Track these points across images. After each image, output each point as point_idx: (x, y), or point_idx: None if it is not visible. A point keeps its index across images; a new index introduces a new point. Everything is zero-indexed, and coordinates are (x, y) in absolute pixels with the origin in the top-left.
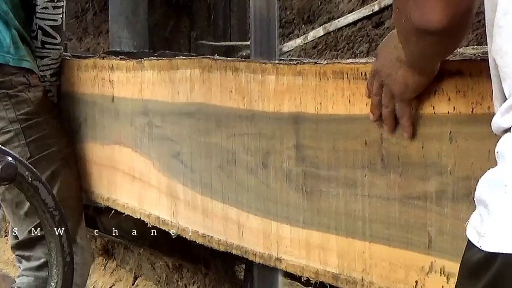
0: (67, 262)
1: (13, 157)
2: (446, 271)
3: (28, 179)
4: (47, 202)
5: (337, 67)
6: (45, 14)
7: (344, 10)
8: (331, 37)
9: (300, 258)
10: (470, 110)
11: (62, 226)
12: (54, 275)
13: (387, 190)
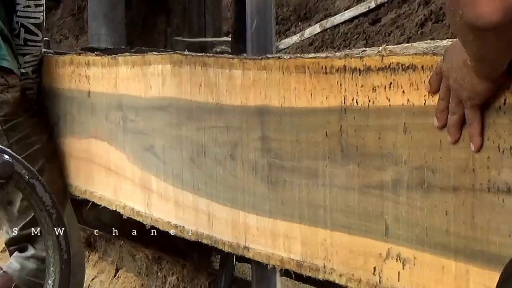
0: (65, 260)
1: (10, 155)
2: (402, 257)
3: (25, 177)
4: (44, 200)
5: (299, 61)
6: (27, 12)
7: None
8: (328, 34)
9: (266, 247)
10: (422, 102)
11: (59, 224)
12: (52, 273)
13: (347, 180)
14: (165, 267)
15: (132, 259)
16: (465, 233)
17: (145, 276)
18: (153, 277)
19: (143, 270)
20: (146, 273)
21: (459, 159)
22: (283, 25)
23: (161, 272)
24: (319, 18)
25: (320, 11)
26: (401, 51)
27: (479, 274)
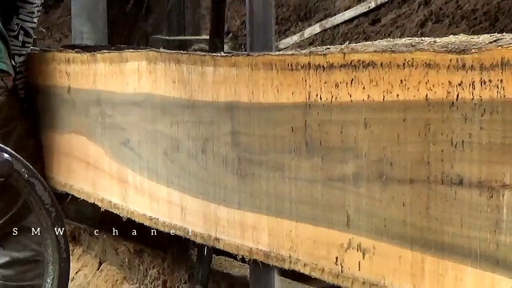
0: (64, 259)
1: (9, 153)
2: (362, 247)
3: (25, 175)
4: (44, 199)
5: (266, 58)
6: (30, 18)
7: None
8: (328, 34)
9: (235, 238)
10: (381, 98)
11: (58, 223)
12: (51, 271)
13: (311, 173)
14: (146, 260)
15: (115, 253)
16: (420, 224)
17: (128, 269)
18: (135, 270)
19: (125, 263)
20: (129, 266)
21: (415, 152)
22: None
23: (142, 265)
24: (319, 18)
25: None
26: (362, 49)
27: (434, 263)
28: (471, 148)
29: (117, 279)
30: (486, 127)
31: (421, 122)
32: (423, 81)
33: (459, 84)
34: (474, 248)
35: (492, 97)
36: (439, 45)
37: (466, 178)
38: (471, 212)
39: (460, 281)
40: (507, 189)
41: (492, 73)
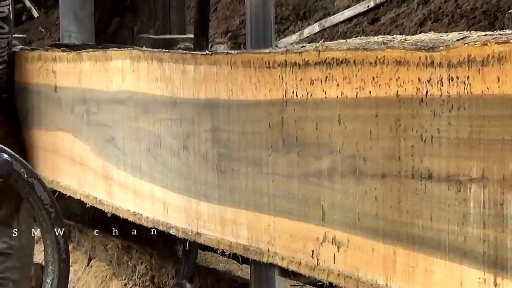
0: (63, 259)
1: (8, 153)
2: (337, 241)
3: (24, 176)
4: (43, 199)
5: (245, 56)
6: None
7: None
8: (327, 33)
9: (216, 232)
10: (354, 95)
11: (58, 223)
12: (50, 272)
13: (288, 168)
14: (135, 256)
15: (104, 249)
16: (392, 217)
17: (116, 265)
18: (124, 266)
19: (114, 259)
20: (117, 262)
21: (387, 148)
22: (282, 24)
23: (131, 261)
24: (318, 17)
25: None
26: (336, 47)
27: (405, 255)
28: (439, 143)
29: (106, 275)
30: (454, 122)
31: (392, 118)
32: (394, 78)
33: (428, 80)
34: (443, 240)
35: (459, 93)
36: (409, 43)
37: (435, 173)
38: (440, 206)
39: (430, 273)
40: (474, 183)
41: (459, 69)
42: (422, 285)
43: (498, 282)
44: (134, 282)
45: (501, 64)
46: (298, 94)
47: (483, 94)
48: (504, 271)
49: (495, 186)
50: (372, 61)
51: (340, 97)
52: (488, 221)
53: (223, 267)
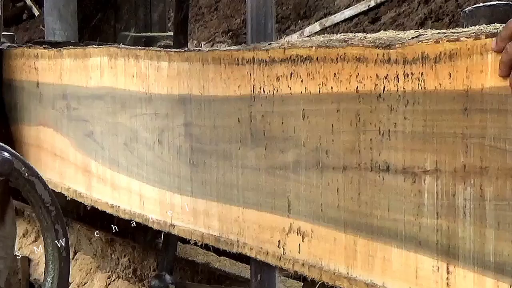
0: (64, 258)
1: (9, 152)
2: (301, 231)
3: (25, 174)
4: (44, 198)
5: (215, 54)
6: None
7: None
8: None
9: (189, 224)
10: (317, 90)
11: (58, 222)
12: (51, 270)
13: (256, 161)
14: (118, 249)
15: (88, 242)
16: (352, 208)
17: (101, 258)
18: (108, 259)
19: (98, 252)
20: (102, 255)
21: (348, 141)
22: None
23: (114, 254)
24: (319, 17)
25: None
26: (300, 44)
27: (364, 245)
28: (396, 137)
29: (91, 267)
30: (409, 117)
31: (352, 112)
32: (354, 74)
33: (385, 77)
34: (399, 230)
35: (414, 89)
36: (368, 41)
37: (392, 165)
38: (397, 197)
39: (387, 262)
40: (428, 175)
41: (414, 66)
42: (380, 274)
43: (450, 269)
44: (117, 275)
45: (453, 61)
46: (265, 90)
47: (436, 90)
48: (456, 259)
49: (447, 177)
50: (334, 58)
51: (304, 92)
52: (441, 211)
53: (202, 259)
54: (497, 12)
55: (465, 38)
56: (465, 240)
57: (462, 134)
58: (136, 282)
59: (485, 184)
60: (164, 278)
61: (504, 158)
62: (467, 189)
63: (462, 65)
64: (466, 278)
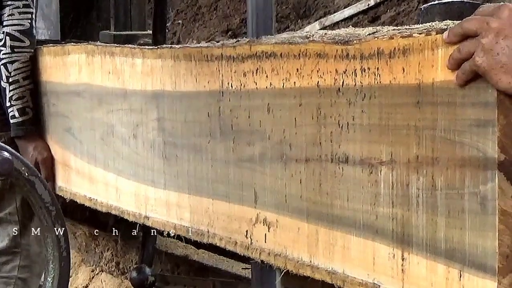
0: (64, 258)
1: (9, 152)
2: (267, 221)
3: (25, 174)
4: (44, 197)
5: (186, 50)
6: (12, 20)
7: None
8: None
9: (162, 215)
10: (281, 85)
11: (58, 221)
12: (51, 270)
13: (225, 154)
14: (101, 243)
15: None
16: (314, 199)
17: (85, 252)
18: (92, 253)
19: (83, 246)
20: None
21: (310, 134)
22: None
23: (98, 248)
24: (318, 16)
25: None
26: (265, 41)
27: (326, 233)
28: (354, 129)
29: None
30: (366, 110)
31: (313, 106)
32: (315, 70)
33: (344, 72)
34: (358, 219)
35: (371, 83)
36: (328, 37)
37: (351, 157)
38: (355, 187)
39: (347, 250)
40: (384, 165)
41: (370, 61)
42: (340, 261)
43: (405, 256)
44: (101, 268)
45: (406, 56)
46: (233, 85)
47: (390, 84)
48: (410, 246)
49: (401, 168)
50: (296, 54)
51: (269, 87)
52: (396, 200)
53: (181, 252)
54: (452, 9)
55: (417, 34)
56: (418, 228)
57: (415, 126)
58: (119, 275)
59: (436, 174)
60: (144, 270)
61: (453, 149)
62: (419, 179)
63: (414, 60)
64: (419, 264)
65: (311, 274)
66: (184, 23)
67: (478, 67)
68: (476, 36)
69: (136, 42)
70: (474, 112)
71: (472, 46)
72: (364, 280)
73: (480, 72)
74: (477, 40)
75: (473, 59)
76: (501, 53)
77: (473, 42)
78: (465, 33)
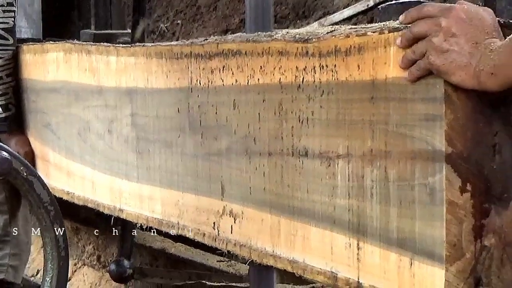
0: (63, 257)
1: (7, 151)
2: (233, 213)
3: (23, 173)
4: (42, 197)
5: (158, 48)
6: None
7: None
8: None
9: (135, 208)
10: (246, 82)
11: (57, 221)
12: (50, 269)
13: (194, 148)
14: (83, 237)
15: None
16: (277, 191)
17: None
18: (75, 247)
19: None
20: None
21: (272, 129)
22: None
23: (80, 242)
24: (317, 16)
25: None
26: (231, 39)
27: (287, 224)
28: (313, 124)
29: None
30: (325, 105)
31: (276, 102)
32: (277, 67)
33: (304, 69)
34: (317, 210)
35: (329, 80)
36: (290, 36)
37: (310, 150)
38: (314, 179)
39: (307, 240)
40: (340, 158)
41: (328, 59)
42: (301, 251)
43: (360, 246)
44: (83, 262)
45: (361, 53)
46: (201, 82)
47: (347, 80)
48: (365, 236)
49: (357, 161)
50: (260, 52)
51: (235, 84)
52: (352, 192)
53: (159, 245)
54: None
55: (371, 33)
56: (372, 219)
57: (369, 121)
58: (100, 269)
59: (389, 166)
60: (123, 263)
61: (404, 143)
62: (373, 171)
63: (369, 57)
64: (373, 254)
65: (273, 263)
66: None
67: (432, 65)
68: (427, 36)
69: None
70: (423, 107)
71: (424, 46)
72: (323, 269)
73: (433, 70)
74: (428, 40)
75: (427, 58)
76: (451, 50)
77: (424, 42)
78: (415, 37)
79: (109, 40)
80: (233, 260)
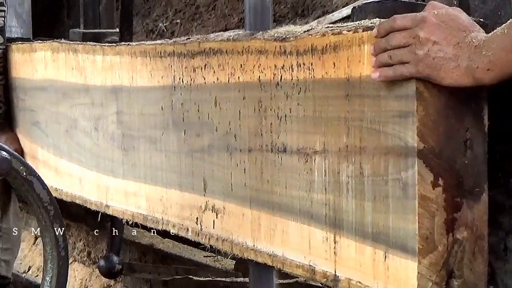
0: (62, 257)
1: (7, 151)
2: (215, 208)
3: (23, 173)
4: (42, 197)
5: (142, 47)
6: None
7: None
8: None
9: (121, 204)
10: (227, 80)
11: (57, 221)
12: (49, 269)
13: (177, 145)
14: (74, 234)
15: None
16: (257, 186)
17: None
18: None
19: None
20: None
21: (252, 126)
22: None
23: (71, 238)
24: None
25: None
26: (213, 38)
27: (267, 219)
28: (291, 121)
29: None
30: (302, 103)
31: (255, 99)
32: (257, 65)
33: (282, 67)
34: (295, 205)
35: (306, 78)
36: (269, 35)
37: (289, 146)
38: (293, 175)
39: (286, 234)
40: (317, 154)
41: (305, 57)
42: (280, 245)
43: (337, 239)
44: (74, 258)
45: (336, 52)
46: (184, 80)
47: (323, 78)
48: (341, 230)
49: (333, 157)
50: (240, 51)
51: (216, 82)
52: (328, 187)
53: (147, 241)
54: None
55: (346, 32)
56: (348, 213)
57: (345, 117)
58: (91, 265)
59: (364, 161)
60: (112, 259)
61: (378, 139)
62: (349, 166)
63: (344, 55)
64: (349, 247)
65: (254, 257)
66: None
67: (421, 73)
68: None
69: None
70: (396, 104)
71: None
72: (301, 263)
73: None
74: (412, 52)
75: (415, 68)
76: (437, 58)
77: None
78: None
79: (98, 39)
80: (220, 256)
